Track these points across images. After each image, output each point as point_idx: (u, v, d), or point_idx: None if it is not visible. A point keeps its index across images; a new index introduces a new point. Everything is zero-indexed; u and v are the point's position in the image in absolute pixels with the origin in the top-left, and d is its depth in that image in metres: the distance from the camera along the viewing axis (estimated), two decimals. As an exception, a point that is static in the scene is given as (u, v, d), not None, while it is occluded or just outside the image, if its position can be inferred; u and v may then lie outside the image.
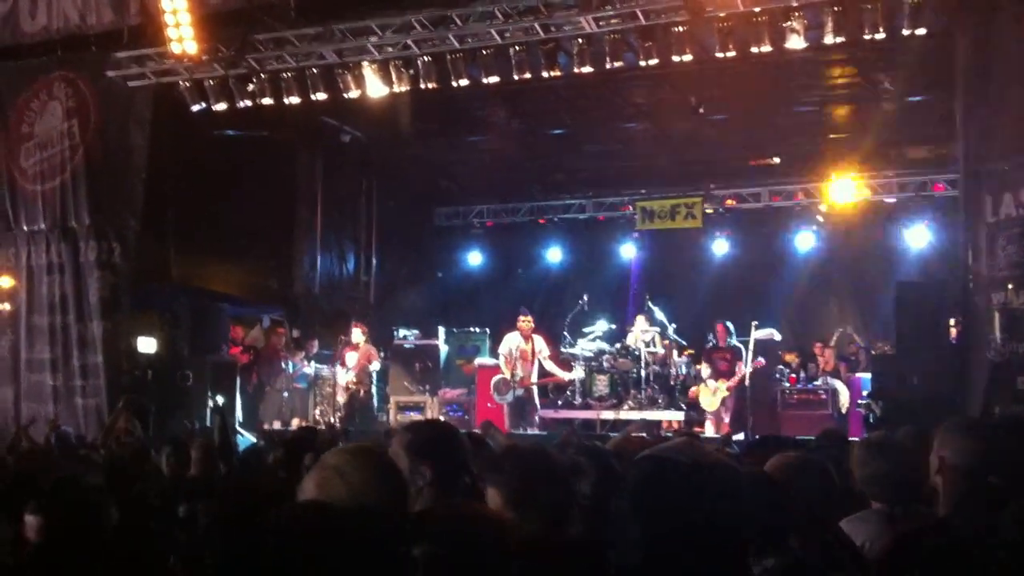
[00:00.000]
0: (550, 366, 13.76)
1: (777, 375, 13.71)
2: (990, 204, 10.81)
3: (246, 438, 11.06)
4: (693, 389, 13.49)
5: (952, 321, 11.87)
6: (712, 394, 13.12)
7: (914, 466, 3.66)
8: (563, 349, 14.08)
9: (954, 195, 13.79)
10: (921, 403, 9.49)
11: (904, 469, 3.73)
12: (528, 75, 11.33)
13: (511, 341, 13.58)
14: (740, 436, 11.52)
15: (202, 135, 13.29)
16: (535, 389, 13.71)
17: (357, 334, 14.05)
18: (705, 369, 13.40)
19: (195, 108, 12.53)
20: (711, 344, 13.70)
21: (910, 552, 2.05)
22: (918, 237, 15.52)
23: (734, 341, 13.27)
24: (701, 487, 1.68)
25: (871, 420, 10.27)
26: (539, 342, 13.68)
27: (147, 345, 12.58)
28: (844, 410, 13.14)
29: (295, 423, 13.45)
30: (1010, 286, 10.93)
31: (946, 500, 3.49)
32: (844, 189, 15.25)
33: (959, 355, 10.71)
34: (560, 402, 13.99)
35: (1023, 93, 9.65)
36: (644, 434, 8.18)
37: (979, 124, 10.47)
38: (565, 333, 14.13)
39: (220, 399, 11.82)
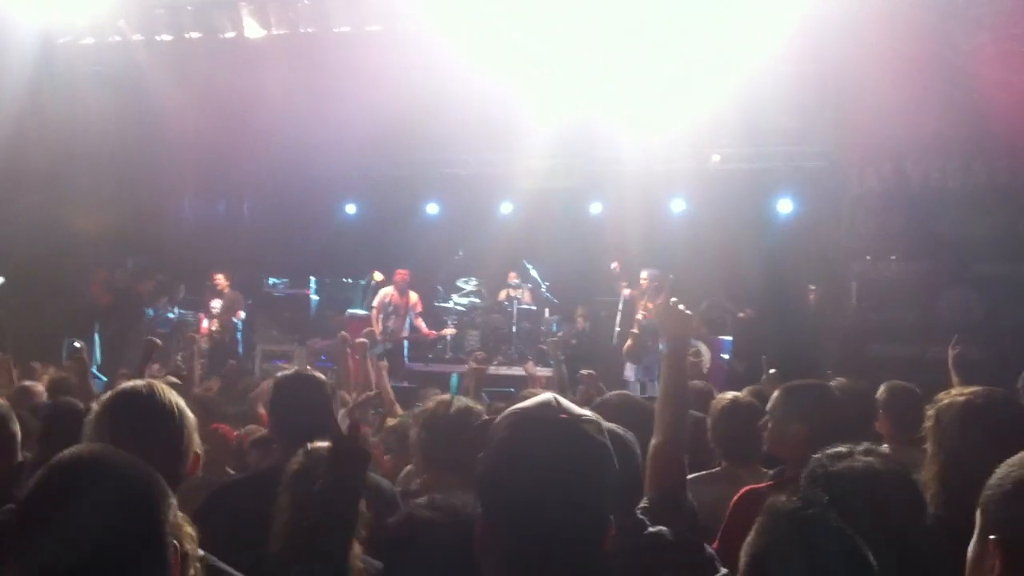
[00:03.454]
0: (420, 323, 13.75)
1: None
2: (855, 177, 11.20)
3: (103, 381, 10.75)
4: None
5: (812, 287, 12.31)
6: None
7: (758, 429, 3.80)
8: (436, 303, 14.05)
9: (822, 166, 14.19)
10: (779, 367, 9.77)
11: (748, 432, 3.86)
12: (411, 25, 11.20)
13: (385, 293, 13.51)
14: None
15: (70, 70, 12.72)
16: (405, 344, 13.68)
17: (222, 281, 13.77)
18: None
19: (62, 41, 12.00)
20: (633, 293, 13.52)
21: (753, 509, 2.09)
22: (785, 206, 15.92)
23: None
24: (561, 444, 1.68)
25: (730, 379, 10.56)
26: (413, 297, 13.64)
27: (-1, 284, 12.10)
28: (705, 369, 13.44)
29: (155, 368, 13.07)
30: (868, 257, 11.38)
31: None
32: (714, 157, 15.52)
33: (817, 321, 11.11)
34: (431, 355, 13.99)
35: (891, 70, 9.97)
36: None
37: (848, 98, 10.80)
38: (439, 287, 14.11)
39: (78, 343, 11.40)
